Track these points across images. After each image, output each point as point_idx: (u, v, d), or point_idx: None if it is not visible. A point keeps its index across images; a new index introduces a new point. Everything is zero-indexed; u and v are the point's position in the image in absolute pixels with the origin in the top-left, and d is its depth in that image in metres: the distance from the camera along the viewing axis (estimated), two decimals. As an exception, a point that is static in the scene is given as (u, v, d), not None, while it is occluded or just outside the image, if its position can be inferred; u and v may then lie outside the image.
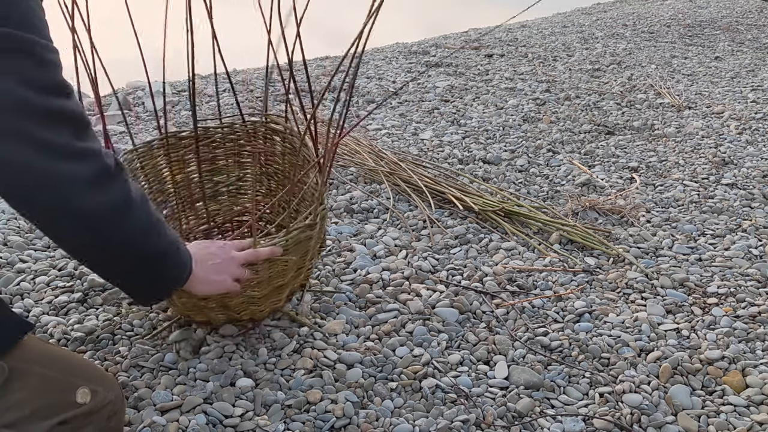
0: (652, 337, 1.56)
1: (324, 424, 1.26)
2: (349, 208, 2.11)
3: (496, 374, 1.43)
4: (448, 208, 2.15)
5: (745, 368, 1.46)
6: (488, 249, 1.93)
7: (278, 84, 3.47)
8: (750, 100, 3.40)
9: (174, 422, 1.24)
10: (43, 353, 1.02)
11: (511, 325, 1.59)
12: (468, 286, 1.72)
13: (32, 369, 0.96)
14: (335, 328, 1.52)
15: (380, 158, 2.40)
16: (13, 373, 0.94)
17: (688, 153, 2.71)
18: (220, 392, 1.31)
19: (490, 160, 2.56)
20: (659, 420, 1.31)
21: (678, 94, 3.50)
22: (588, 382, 1.42)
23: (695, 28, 5.25)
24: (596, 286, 1.78)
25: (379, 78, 3.66)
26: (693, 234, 2.06)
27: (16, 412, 0.92)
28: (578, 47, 4.55)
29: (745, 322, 1.63)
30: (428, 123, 2.95)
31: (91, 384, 1.01)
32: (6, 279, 1.66)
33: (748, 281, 1.80)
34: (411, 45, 4.67)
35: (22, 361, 0.96)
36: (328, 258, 1.82)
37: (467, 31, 5.32)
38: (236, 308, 1.41)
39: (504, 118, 3.04)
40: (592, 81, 3.72)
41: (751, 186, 2.40)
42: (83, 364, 1.09)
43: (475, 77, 3.74)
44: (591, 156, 2.65)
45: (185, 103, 3.11)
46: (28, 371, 0.96)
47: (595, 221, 2.12)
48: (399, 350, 1.47)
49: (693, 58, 4.32)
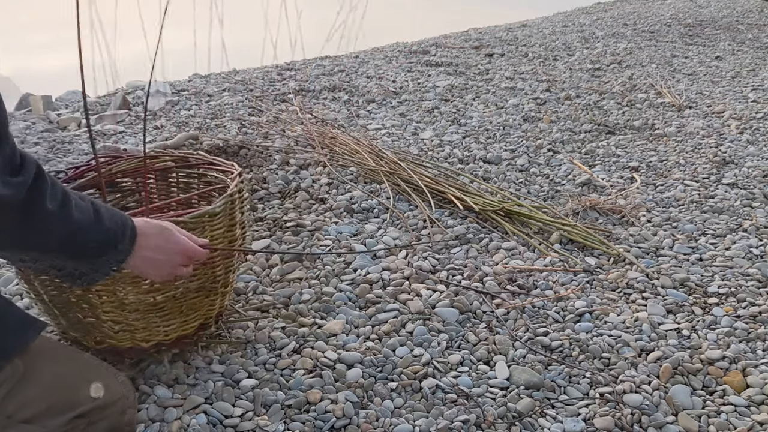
0: (652, 337, 1.56)
1: (324, 424, 1.26)
2: (349, 207, 2.11)
3: (496, 374, 1.42)
4: (448, 207, 2.14)
5: (746, 368, 1.46)
6: (488, 249, 1.93)
7: (278, 84, 3.47)
8: (751, 99, 3.40)
9: (177, 420, 1.24)
10: (55, 351, 1.05)
11: (511, 325, 1.59)
12: (468, 286, 1.72)
13: (46, 366, 0.99)
14: (335, 328, 1.52)
15: (380, 158, 2.40)
16: (28, 371, 0.96)
17: (688, 153, 2.70)
18: (221, 392, 1.31)
19: (491, 159, 2.56)
20: (660, 420, 1.31)
21: (678, 93, 3.50)
22: (588, 382, 1.41)
23: (696, 27, 5.25)
24: (597, 286, 1.77)
25: (379, 77, 3.65)
26: (693, 234, 2.06)
27: (32, 407, 0.95)
28: (579, 47, 4.55)
29: (746, 322, 1.62)
30: (428, 122, 2.95)
31: (103, 380, 1.05)
32: (6, 279, 1.66)
33: (748, 281, 1.80)
34: (411, 44, 4.67)
35: (36, 359, 0.98)
36: (328, 258, 1.82)
37: (467, 31, 5.32)
38: (141, 330, 1.30)
39: (504, 118, 3.04)
40: (592, 80, 3.72)
41: (751, 186, 2.40)
42: (93, 362, 1.13)
43: (476, 77, 3.74)
44: (591, 156, 2.65)
45: (185, 103, 3.11)
46: (41, 368, 0.98)
47: (596, 221, 2.12)
48: (399, 350, 1.47)
49: (693, 57, 4.32)
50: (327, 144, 2.52)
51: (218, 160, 1.53)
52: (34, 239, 0.94)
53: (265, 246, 1.86)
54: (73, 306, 1.23)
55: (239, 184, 1.36)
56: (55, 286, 1.20)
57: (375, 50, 4.49)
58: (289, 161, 2.40)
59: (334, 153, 2.46)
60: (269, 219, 2.02)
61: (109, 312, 1.24)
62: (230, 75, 3.74)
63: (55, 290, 1.22)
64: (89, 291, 1.20)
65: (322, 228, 1.98)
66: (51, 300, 1.24)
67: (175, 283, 1.25)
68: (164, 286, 1.25)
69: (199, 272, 1.28)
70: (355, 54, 4.37)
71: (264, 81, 3.52)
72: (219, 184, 1.51)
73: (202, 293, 1.32)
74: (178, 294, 1.28)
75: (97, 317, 1.24)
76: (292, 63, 4.02)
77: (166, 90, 3.22)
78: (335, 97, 3.27)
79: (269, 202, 2.13)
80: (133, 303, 1.24)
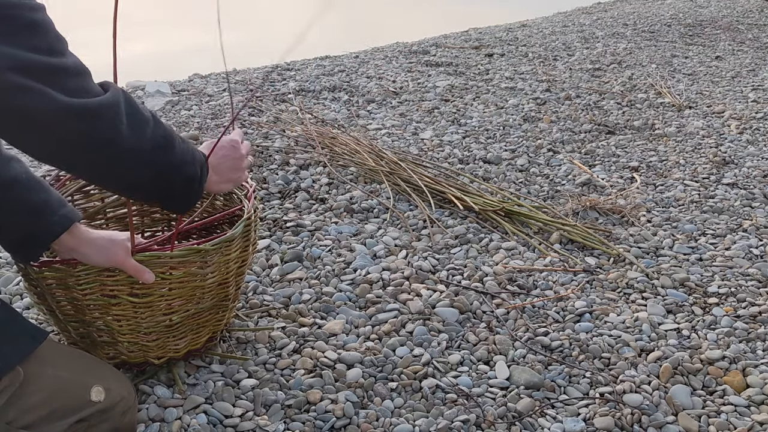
0: (652, 337, 1.56)
1: (324, 424, 1.26)
2: (349, 207, 2.11)
3: (496, 374, 1.42)
4: (448, 207, 2.14)
5: (746, 368, 1.46)
6: (488, 249, 1.93)
7: (278, 84, 3.47)
8: (751, 99, 3.40)
9: (177, 420, 1.24)
10: (56, 355, 1.05)
11: (511, 325, 1.59)
12: (468, 286, 1.72)
13: (46, 371, 0.99)
14: (335, 328, 1.52)
15: (380, 158, 2.40)
16: (28, 377, 0.96)
17: (688, 153, 2.70)
18: (221, 392, 1.31)
19: (491, 159, 2.56)
20: (660, 420, 1.31)
21: (678, 93, 3.50)
22: (588, 382, 1.41)
23: (696, 27, 5.25)
24: (597, 285, 1.77)
25: (379, 77, 3.65)
26: (693, 234, 2.06)
27: (33, 414, 0.96)
28: (579, 47, 4.55)
29: (746, 322, 1.62)
30: (428, 122, 2.95)
31: (104, 382, 1.05)
32: (6, 279, 1.66)
33: (748, 281, 1.80)
34: (411, 44, 4.67)
35: (36, 365, 0.98)
36: (328, 258, 1.82)
37: (467, 31, 5.32)
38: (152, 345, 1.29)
39: (504, 118, 3.04)
40: (592, 80, 3.72)
41: (751, 186, 2.40)
42: (94, 363, 1.13)
43: (476, 77, 3.74)
44: (591, 156, 2.65)
45: (185, 103, 3.11)
46: (42, 374, 0.99)
47: (596, 221, 2.12)
48: (399, 350, 1.47)
49: (693, 57, 4.32)
50: (327, 144, 2.52)
51: None
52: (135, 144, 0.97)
53: (265, 246, 1.86)
54: (89, 325, 1.23)
55: (255, 204, 1.36)
56: (73, 305, 1.20)
57: (375, 50, 4.49)
58: (289, 161, 2.40)
59: (334, 153, 2.46)
60: (269, 219, 2.02)
61: (126, 334, 1.24)
62: (230, 75, 3.74)
63: (72, 310, 1.21)
64: (108, 314, 1.20)
65: (322, 228, 1.98)
66: (66, 318, 1.23)
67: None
68: (179, 307, 1.25)
69: (213, 292, 1.28)
70: (355, 54, 4.37)
71: (264, 81, 3.52)
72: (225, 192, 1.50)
73: (214, 310, 1.33)
74: (192, 314, 1.28)
75: (114, 338, 1.24)
76: (292, 63, 4.02)
77: (166, 90, 3.22)
78: (335, 97, 3.27)
79: (269, 202, 2.13)
80: (151, 326, 1.24)
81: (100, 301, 1.17)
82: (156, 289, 1.19)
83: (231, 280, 1.31)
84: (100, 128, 0.91)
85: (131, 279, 1.15)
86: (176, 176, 1.05)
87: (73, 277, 1.14)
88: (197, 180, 1.09)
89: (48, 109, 0.85)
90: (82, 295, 1.16)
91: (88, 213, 1.51)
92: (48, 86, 0.85)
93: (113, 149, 0.93)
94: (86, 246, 1.11)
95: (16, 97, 0.83)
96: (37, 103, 0.84)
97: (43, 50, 0.86)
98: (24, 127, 0.86)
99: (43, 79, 0.85)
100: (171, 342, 1.30)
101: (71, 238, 1.09)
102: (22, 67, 0.83)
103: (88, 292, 1.16)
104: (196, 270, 1.21)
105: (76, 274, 1.14)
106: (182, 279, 1.21)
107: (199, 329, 1.33)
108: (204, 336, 1.36)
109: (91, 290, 1.16)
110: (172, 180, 1.05)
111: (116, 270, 1.14)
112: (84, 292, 1.16)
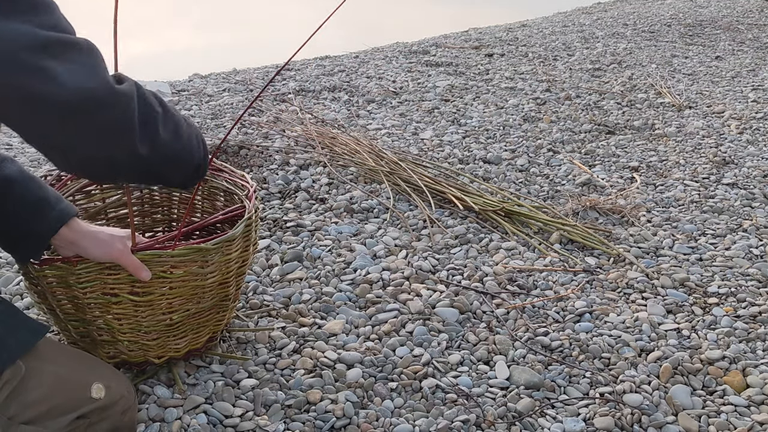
0: (652, 337, 1.56)
1: (324, 424, 1.26)
2: (349, 207, 2.11)
3: (496, 374, 1.42)
4: (448, 207, 2.14)
5: (746, 368, 1.46)
6: (488, 249, 1.93)
7: (278, 83, 3.47)
8: (751, 99, 3.40)
9: (177, 420, 1.24)
10: (56, 352, 1.05)
11: (511, 325, 1.59)
12: (468, 286, 1.72)
13: (47, 367, 1.00)
14: (335, 328, 1.52)
15: (380, 158, 2.40)
16: (29, 372, 0.96)
17: (688, 153, 2.70)
18: (221, 392, 1.31)
19: (491, 159, 2.56)
20: (660, 420, 1.31)
21: (678, 93, 3.50)
22: (588, 382, 1.42)
23: (696, 27, 5.25)
24: (597, 286, 1.77)
25: (379, 77, 3.65)
26: (693, 234, 2.06)
27: (34, 409, 0.96)
28: (579, 46, 4.55)
29: (746, 322, 1.62)
30: (428, 122, 2.95)
31: (103, 380, 1.06)
32: (6, 279, 1.66)
33: (748, 281, 1.80)
34: (411, 44, 4.66)
35: (37, 360, 0.98)
36: (328, 258, 1.82)
37: (467, 31, 5.32)
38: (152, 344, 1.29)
39: (504, 118, 3.04)
40: (592, 80, 3.72)
41: (751, 186, 2.40)
42: (94, 362, 1.13)
43: (476, 77, 3.74)
44: (591, 156, 2.65)
45: (185, 103, 3.11)
46: (43, 370, 0.99)
47: (596, 221, 2.12)
48: (399, 350, 1.47)
49: (693, 57, 4.32)
50: (327, 144, 2.52)
51: (226, 167, 1.52)
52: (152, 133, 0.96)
53: (266, 246, 1.86)
54: (89, 324, 1.23)
55: (256, 204, 1.35)
56: (73, 303, 1.20)
57: (375, 50, 4.49)
58: (289, 161, 2.40)
59: (334, 153, 2.46)
60: (269, 219, 2.02)
61: (127, 333, 1.24)
62: (230, 75, 3.74)
63: (73, 308, 1.21)
64: (108, 312, 1.20)
65: (322, 228, 1.98)
66: (66, 317, 1.23)
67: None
68: (180, 306, 1.25)
69: (214, 292, 1.28)
70: (355, 54, 4.37)
71: (264, 81, 3.52)
72: (226, 192, 1.51)
73: (214, 310, 1.33)
74: (193, 313, 1.28)
75: (114, 337, 1.24)
76: (292, 63, 4.02)
77: (166, 90, 3.22)
78: (335, 97, 3.27)
79: (269, 202, 2.13)
80: (151, 325, 1.24)
81: (101, 299, 1.18)
82: (157, 287, 1.20)
83: (231, 280, 1.31)
84: (118, 113, 0.90)
85: (132, 278, 1.15)
86: (187, 160, 1.07)
87: (74, 276, 1.14)
88: (203, 166, 1.12)
89: (63, 91, 0.82)
90: (82, 294, 1.16)
91: (89, 213, 1.51)
92: (63, 64, 0.82)
93: (130, 137, 0.93)
94: (86, 239, 1.11)
95: (34, 77, 0.80)
96: (55, 84, 0.81)
97: (59, 27, 0.84)
98: (37, 111, 0.83)
99: (58, 57, 0.82)
100: (171, 341, 1.30)
101: (70, 232, 1.09)
102: (38, 46, 0.80)
103: (88, 290, 1.16)
104: (197, 269, 1.21)
105: (76, 272, 1.14)
106: (183, 278, 1.21)
107: (200, 329, 1.33)
108: (204, 336, 1.36)
109: (91, 288, 1.16)
110: (182, 163, 1.07)
111: (117, 268, 1.14)
112: (84, 291, 1.16)
